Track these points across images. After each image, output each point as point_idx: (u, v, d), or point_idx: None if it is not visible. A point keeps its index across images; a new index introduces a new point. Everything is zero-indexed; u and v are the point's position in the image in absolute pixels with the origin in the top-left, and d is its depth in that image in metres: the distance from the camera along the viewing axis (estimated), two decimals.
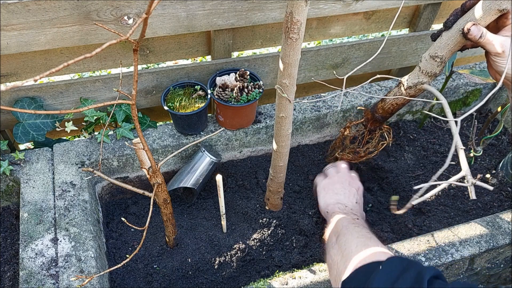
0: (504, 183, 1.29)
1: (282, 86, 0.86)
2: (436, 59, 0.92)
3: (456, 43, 0.88)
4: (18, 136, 1.15)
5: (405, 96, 1.03)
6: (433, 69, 0.94)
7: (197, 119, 1.17)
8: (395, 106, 1.08)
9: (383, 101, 1.10)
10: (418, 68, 0.97)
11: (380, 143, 1.15)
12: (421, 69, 0.96)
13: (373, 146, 1.17)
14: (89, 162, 1.15)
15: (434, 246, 1.00)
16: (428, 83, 0.97)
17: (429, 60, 0.94)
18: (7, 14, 0.95)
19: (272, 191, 1.14)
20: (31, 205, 1.05)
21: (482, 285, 1.22)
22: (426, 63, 0.95)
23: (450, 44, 0.89)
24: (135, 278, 1.08)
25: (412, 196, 1.24)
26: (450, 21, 0.89)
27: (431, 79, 0.97)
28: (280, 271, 1.06)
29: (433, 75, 0.96)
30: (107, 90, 1.23)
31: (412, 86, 0.99)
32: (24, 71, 1.14)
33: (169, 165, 1.26)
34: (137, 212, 1.22)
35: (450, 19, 0.89)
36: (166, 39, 1.19)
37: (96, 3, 0.99)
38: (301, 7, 0.71)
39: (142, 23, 0.57)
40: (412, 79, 0.99)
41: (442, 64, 0.93)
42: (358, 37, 2.33)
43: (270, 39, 1.31)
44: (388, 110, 1.10)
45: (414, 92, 1.01)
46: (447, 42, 0.90)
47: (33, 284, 0.91)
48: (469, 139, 1.37)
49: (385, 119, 1.14)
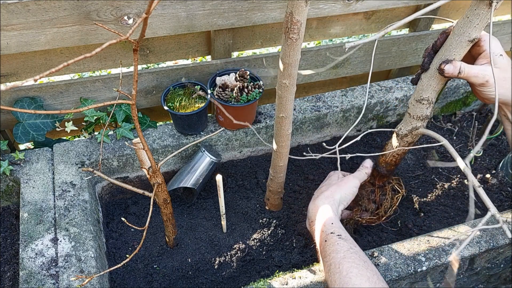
0: (504, 183, 1.29)
1: (282, 86, 0.86)
2: (423, 101, 0.90)
3: (438, 82, 0.87)
4: (18, 136, 1.15)
5: (403, 145, 0.99)
6: (423, 112, 0.92)
7: (197, 119, 1.17)
8: (397, 157, 1.04)
9: (383, 155, 1.05)
10: (408, 114, 0.95)
11: (395, 198, 1.10)
12: (411, 115, 0.94)
13: (388, 202, 1.10)
14: (89, 162, 1.15)
15: (434, 246, 1.00)
16: (422, 126, 0.94)
17: (416, 105, 0.92)
18: (7, 14, 0.95)
19: (272, 191, 1.14)
20: (31, 205, 1.05)
21: (482, 285, 1.22)
22: (413, 107, 0.93)
23: (432, 84, 0.88)
24: (135, 278, 1.08)
25: (412, 196, 1.25)
26: (426, 63, 0.88)
27: (424, 122, 0.94)
28: (280, 271, 1.06)
29: (425, 118, 0.93)
30: (107, 90, 1.23)
31: (408, 134, 0.97)
32: (24, 71, 1.14)
33: (169, 165, 1.26)
34: (137, 212, 1.22)
35: (425, 61, 0.88)
36: (166, 39, 1.19)
37: (96, 3, 0.99)
38: (301, 7, 0.71)
39: (142, 23, 0.57)
40: (405, 126, 0.97)
41: (431, 105, 0.91)
42: (358, 37, 2.33)
43: (270, 39, 1.31)
44: (391, 163, 1.05)
45: (411, 139, 0.98)
46: (429, 83, 0.88)
47: (33, 284, 0.91)
48: (469, 139, 1.38)
49: (391, 172, 1.08)
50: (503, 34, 1.53)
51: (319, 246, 0.92)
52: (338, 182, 1.05)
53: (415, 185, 1.29)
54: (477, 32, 0.77)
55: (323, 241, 0.91)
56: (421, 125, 0.94)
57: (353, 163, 1.33)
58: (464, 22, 0.77)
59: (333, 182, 1.07)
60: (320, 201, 1.00)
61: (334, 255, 0.86)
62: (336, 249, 0.86)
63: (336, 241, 0.88)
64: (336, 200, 1.01)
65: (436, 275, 1.02)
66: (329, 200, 1.00)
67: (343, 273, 0.82)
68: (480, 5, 0.72)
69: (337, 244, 0.87)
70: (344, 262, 0.83)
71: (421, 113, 0.92)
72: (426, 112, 0.92)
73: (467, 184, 1.29)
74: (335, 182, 1.06)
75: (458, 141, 1.41)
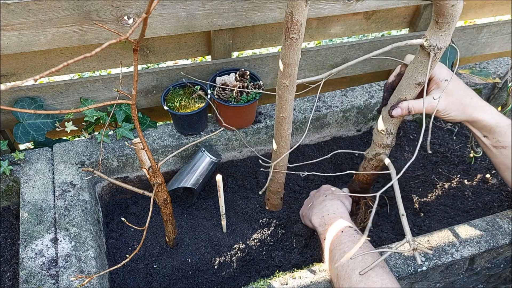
0: (504, 183, 1.29)
1: (282, 86, 0.86)
2: (382, 132, 0.98)
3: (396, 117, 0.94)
4: (18, 136, 1.15)
5: (370, 167, 1.08)
6: (383, 141, 1.00)
7: (197, 119, 1.17)
8: (367, 177, 1.13)
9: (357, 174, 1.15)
10: (372, 140, 1.03)
11: (368, 211, 1.17)
12: (374, 142, 1.02)
13: (362, 216, 1.17)
14: (89, 162, 1.15)
15: (434, 246, 1.00)
16: (384, 154, 1.02)
17: (377, 134, 1.00)
18: (7, 14, 0.95)
19: (272, 191, 1.14)
20: (31, 205, 1.05)
21: (482, 285, 1.22)
22: (376, 136, 1.01)
23: (389, 118, 0.95)
24: (135, 278, 1.08)
25: (412, 196, 1.25)
26: (385, 98, 0.96)
27: (386, 150, 1.01)
28: (280, 271, 1.06)
29: (386, 146, 1.01)
30: (107, 90, 1.23)
31: (373, 158, 1.05)
32: (24, 71, 1.14)
33: (169, 165, 1.26)
34: (137, 212, 1.22)
35: (385, 95, 0.96)
36: (166, 39, 1.19)
37: (96, 3, 0.99)
38: (301, 7, 0.71)
39: (142, 23, 0.57)
40: (371, 151, 1.05)
41: (390, 135, 0.98)
42: (358, 37, 2.33)
43: (270, 39, 1.31)
44: (363, 181, 1.15)
45: (377, 163, 1.06)
46: (386, 116, 0.95)
47: (33, 284, 0.91)
48: (469, 139, 1.38)
49: (365, 189, 1.16)
50: (503, 34, 1.53)
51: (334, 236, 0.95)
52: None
53: (415, 185, 1.29)
54: (422, 77, 0.84)
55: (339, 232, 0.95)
56: (383, 152, 1.02)
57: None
58: (411, 67, 0.85)
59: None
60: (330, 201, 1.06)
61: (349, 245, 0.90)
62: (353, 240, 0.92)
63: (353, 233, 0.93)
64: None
65: (436, 275, 1.02)
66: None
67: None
68: (422, 54, 0.81)
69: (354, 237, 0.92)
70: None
71: (382, 141, 1.00)
72: (387, 141, 1.00)
73: (467, 184, 1.29)
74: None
75: (458, 141, 1.41)
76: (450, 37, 0.77)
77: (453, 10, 0.72)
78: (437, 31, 0.76)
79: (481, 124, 0.93)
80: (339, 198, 1.07)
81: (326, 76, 0.81)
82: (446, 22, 0.74)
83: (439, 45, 0.78)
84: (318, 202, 1.07)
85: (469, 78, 1.31)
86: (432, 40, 0.78)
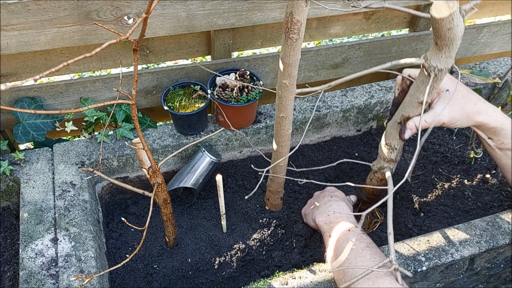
0: (504, 183, 1.29)
1: (282, 86, 0.86)
2: (387, 146, 0.98)
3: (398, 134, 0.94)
4: (18, 136, 1.15)
5: (375, 180, 1.08)
6: (388, 155, 1.00)
7: (197, 119, 1.17)
8: (374, 189, 1.13)
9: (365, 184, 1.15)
10: (378, 154, 1.04)
11: (373, 221, 1.18)
12: (379, 155, 1.03)
13: (366, 225, 1.18)
14: (89, 162, 1.15)
15: (434, 246, 1.00)
16: (388, 168, 1.02)
17: (383, 148, 1.00)
18: (7, 14, 0.95)
19: (272, 191, 1.14)
20: (31, 205, 1.05)
21: (482, 285, 1.22)
22: (381, 149, 1.01)
23: (393, 134, 0.95)
24: (135, 278, 1.08)
25: (412, 196, 1.25)
26: (392, 112, 0.96)
27: (390, 164, 1.02)
28: (280, 271, 1.06)
29: (391, 161, 1.01)
30: (107, 90, 1.23)
31: (378, 171, 1.05)
32: (24, 71, 1.14)
33: (169, 165, 1.26)
34: (137, 212, 1.22)
35: (391, 110, 0.96)
36: (166, 39, 1.19)
37: (96, 3, 0.99)
38: (301, 7, 0.71)
39: (142, 23, 0.57)
40: (376, 164, 1.05)
41: (394, 151, 0.98)
42: (358, 37, 2.33)
43: (270, 39, 1.31)
44: (370, 192, 1.15)
45: (381, 176, 1.06)
46: (390, 131, 0.96)
47: (33, 284, 0.91)
48: (469, 139, 1.38)
49: (372, 200, 1.16)
50: (503, 34, 1.53)
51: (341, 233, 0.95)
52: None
53: (415, 185, 1.29)
54: (423, 96, 0.85)
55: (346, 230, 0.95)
56: (387, 167, 1.02)
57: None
58: (414, 86, 0.86)
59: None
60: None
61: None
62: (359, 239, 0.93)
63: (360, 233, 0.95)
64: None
65: (436, 275, 1.02)
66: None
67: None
68: (423, 74, 0.82)
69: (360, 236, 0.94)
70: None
71: (387, 155, 1.00)
72: (391, 156, 1.00)
73: (467, 184, 1.29)
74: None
75: (458, 141, 1.41)
76: (452, 59, 0.76)
77: (451, 34, 0.71)
78: (437, 53, 0.76)
79: (486, 127, 0.93)
80: (344, 200, 1.08)
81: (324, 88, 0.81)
82: (445, 44, 0.73)
83: (439, 66, 0.77)
84: (323, 202, 1.07)
85: (469, 78, 1.31)
86: (432, 60, 0.77)
